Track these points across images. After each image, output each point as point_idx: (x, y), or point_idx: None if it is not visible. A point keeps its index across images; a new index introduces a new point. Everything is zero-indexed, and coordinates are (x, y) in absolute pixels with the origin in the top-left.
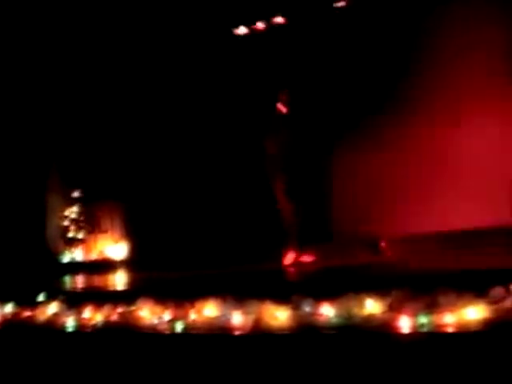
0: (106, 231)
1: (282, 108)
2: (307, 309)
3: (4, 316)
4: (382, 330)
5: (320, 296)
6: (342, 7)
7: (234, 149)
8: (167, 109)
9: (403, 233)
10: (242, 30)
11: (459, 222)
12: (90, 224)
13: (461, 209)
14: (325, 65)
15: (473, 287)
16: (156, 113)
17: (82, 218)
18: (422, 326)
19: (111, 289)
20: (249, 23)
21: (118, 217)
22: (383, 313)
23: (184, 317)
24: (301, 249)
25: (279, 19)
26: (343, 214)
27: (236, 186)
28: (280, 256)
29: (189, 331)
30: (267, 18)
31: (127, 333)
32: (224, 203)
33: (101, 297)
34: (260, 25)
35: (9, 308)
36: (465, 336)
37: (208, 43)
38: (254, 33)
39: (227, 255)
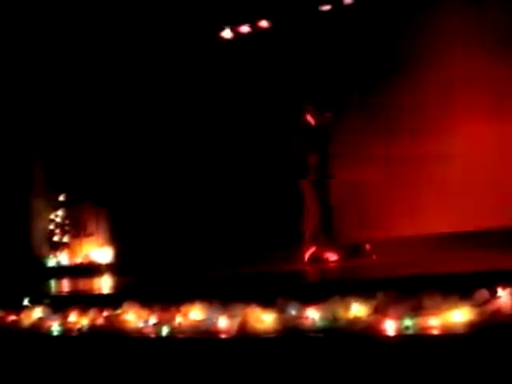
0: (91, 235)
1: (310, 119)
2: (293, 312)
3: None
4: (367, 333)
5: (305, 299)
6: (327, 11)
7: (219, 152)
8: (153, 113)
9: (388, 235)
10: (227, 34)
11: (444, 224)
12: (76, 228)
13: (446, 212)
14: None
15: (458, 290)
16: (142, 117)
17: (67, 222)
18: (407, 328)
19: (97, 293)
20: (234, 27)
21: (103, 220)
22: (368, 316)
23: (170, 320)
24: (324, 248)
25: (264, 23)
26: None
27: (220, 190)
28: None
29: (174, 335)
30: (252, 22)
31: (113, 337)
32: (209, 207)
33: (86, 301)
34: (245, 28)
35: None
36: (450, 338)
37: (194, 46)
38: (238, 36)
39: (213, 258)
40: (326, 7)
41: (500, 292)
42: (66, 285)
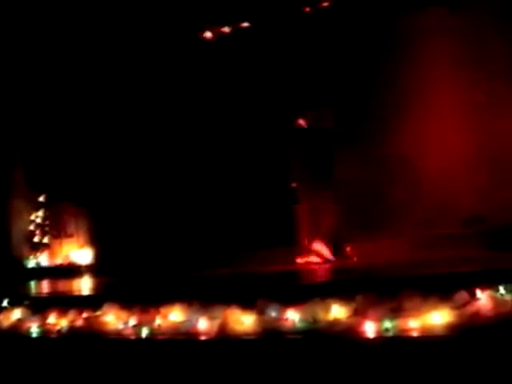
0: (71, 236)
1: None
2: (272, 313)
3: None
4: (346, 335)
5: (285, 301)
6: (309, 12)
7: (201, 151)
8: (134, 112)
9: (368, 237)
10: (207, 34)
11: (425, 226)
12: (56, 229)
13: (426, 213)
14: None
15: (437, 292)
16: (123, 117)
17: (47, 223)
18: (387, 330)
19: (76, 294)
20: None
21: (83, 221)
22: (348, 317)
23: (149, 322)
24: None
25: (246, 24)
26: None
27: (202, 190)
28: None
29: (154, 336)
30: (234, 23)
31: (92, 338)
32: (190, 207)
33: (66, 302)
34: (226, 29)
35: None
36: (429, 340)
37: (175, 46)
38: (220, 36)
39: (193, 259)
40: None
41: (479, 294)
42: (45, 286)
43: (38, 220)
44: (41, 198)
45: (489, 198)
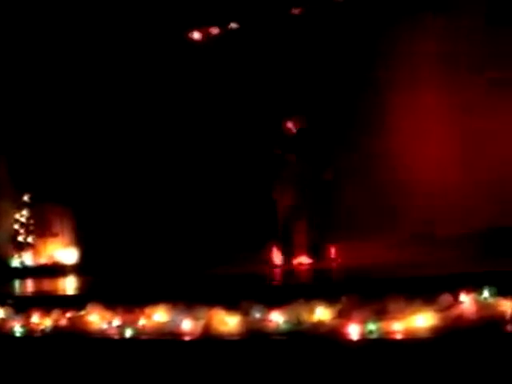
0: (56, 235)
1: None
2: (257, 315)
3: None
4: (330, 337)
5: (270, 302)
6: (297, 14)
7: (186, 152)
8: (119, 112)
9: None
10: (195, 35)
11: (409, 228)
12: (40, 228)
13: (411, 216)
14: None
15: (421, 294)
16: (108, 117)
17: (31, 222)
18: (371, 332)
19: (60, 293)
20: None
21: (68, 221)
22: (332, 319)
23: (133, 322)
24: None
25: (234, 25)
26: None
27: (187, 191)
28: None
29: (138, 337)
30: (222, 24)
31: (76, 338)
32: (175, 208)
33: (50, 301)
34: (214, 30)
35: None
36: (413, 343)
37: (162, 47)
38: (208, 38)
39: (178, 260)
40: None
41: (463, 297)
42: (29, 285)
43: (23, 219)
44: (25, 197)
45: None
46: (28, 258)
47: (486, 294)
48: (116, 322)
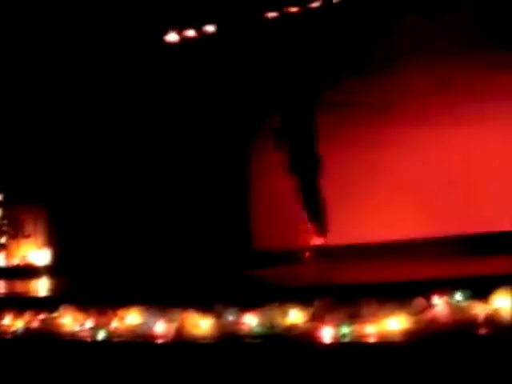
0: (29, 236)
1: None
2: (230, 317)
3: None
4: (304, 340)
5: (243, 305)
6: (273, 18)
7: (161, 154)
8: (94, 113)
9: (328, 243)
10: (171, 38)
11: (385, 233)
12: (13, 228)
13: (385, 220)
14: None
15: (395, 298)
16: (82, 117)
17: (4, 223)
18: (344, 336)
19: (33, 295)
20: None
21: (41, 222)
22: (306, 322)
23: (106, 324)
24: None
25: (210, 28)
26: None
27: (161, 192)
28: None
29: (111, 339)
30: (198, 27)
31: (48, 340)
32: (149, 209)
33: (22, 303)
34: (191, 33)
35: None
36: (386, 346)
37: (138, 50)
38: (184, 41)
39: (152, 262)
40: (273, 14)
41: (436, 300)
42: (1, 286)
43: None
44: None
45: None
46: (0, 259)
47: (458, 297)
48: (89, 324)
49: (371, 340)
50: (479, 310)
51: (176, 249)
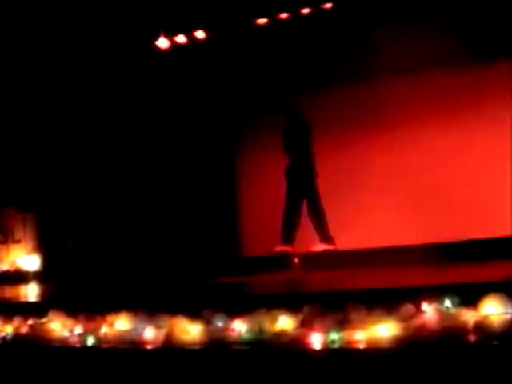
0: (18, 241)
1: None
2: (219, 323)
3: None
4: (293, 346)
5: (232, 311)
6: (262, 24)
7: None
8: (83, 119)
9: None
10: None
11: (371, 239)
12: (3, 234)
13: (373, 226)
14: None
15: (384, 304)
16: (71, 124)
17: None
18: (333, 342)
19: (22, 300)
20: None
21: (31, 227)
22: (294, 329)
23: (95, 330)
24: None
25: (200, 33)
26: (255, 230)
27: (148, 198)
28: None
29: (100, 345)
30: (188, 32)
31: (37, 346)
32: (138, 216)
33: (11, 308)
34: (181, 38)
35: None
36: (375, 353)
37: (127, 56)
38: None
39: (141, 268)
40: (264, 20)
41: (425, 307)
42: None
43: None
44: None
45: None
46: None
47: (448, 303)
48: (78, 329)
49: (360, 346)
50: (468, 316)
51: (164, 254)
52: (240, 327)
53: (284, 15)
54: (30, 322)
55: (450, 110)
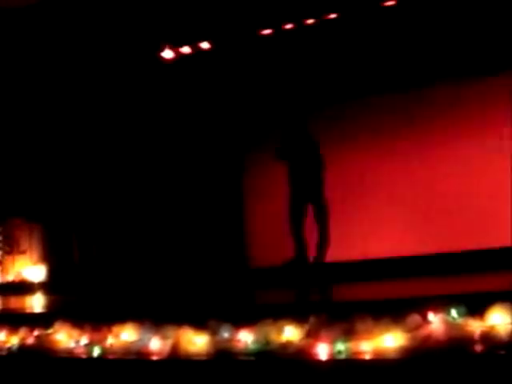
0: (24, 252)
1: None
2: (225, 334)
3: None
4: (299, 357)
5: (238, 322)
6: (268, 35)
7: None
8: (88, 130)
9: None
10: (167, 54)
11: (378, 249)
12: (8, 244)
13: (380, 236)
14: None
15: (390, 314)
16: (77, 135)
17: None
18: (339, 352)
19: (28, 311)
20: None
21: (36, 238)
22: (300, 339)
23: (101, 341)
24: None
25: (205, 44)
26: (262, 240)
27: (154, 209)
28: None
29: (106, 356)
30: (193, 43)
31: (43, 356)
32: (145, 226)
33: (17, 319)
34: (186, 49)
35: None
36: (381, 363)
37: (133, 66)
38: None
39: (148, 278)
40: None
41: (432, 317)
42: None
43: None
44: None
45: None
46: None
47: (454, 314)
48: (84, 340)
49: (367, 357)
50: (475, 326)
51: (171, 265)
52: (246, 338)
53: (289, 26)
54: (35, 332)
55: (454, 121)
